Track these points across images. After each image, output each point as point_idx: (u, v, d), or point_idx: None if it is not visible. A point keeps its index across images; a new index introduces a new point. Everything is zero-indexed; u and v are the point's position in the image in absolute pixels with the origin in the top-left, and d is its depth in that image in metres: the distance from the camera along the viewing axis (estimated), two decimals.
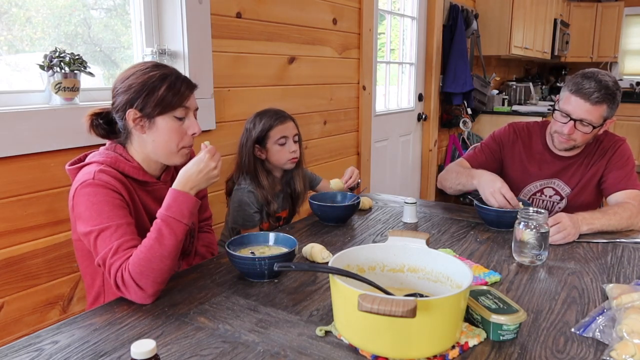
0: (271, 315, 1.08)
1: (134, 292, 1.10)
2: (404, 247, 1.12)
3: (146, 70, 1.26)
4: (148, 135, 1.27)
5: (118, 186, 1.20)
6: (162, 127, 1.26)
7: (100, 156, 1.26)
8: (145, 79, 1.24)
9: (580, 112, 1.69)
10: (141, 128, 1.26)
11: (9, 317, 1.57)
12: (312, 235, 1.63)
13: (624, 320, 0.96)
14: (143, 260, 1.10)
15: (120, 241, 1.13)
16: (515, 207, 1.63)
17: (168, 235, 1.13)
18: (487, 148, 1.99)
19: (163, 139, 1.27)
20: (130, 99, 1.24)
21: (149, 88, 1.24)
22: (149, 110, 1.24)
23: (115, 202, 1.18)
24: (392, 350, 0.90)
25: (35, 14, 1.72)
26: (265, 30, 2.38)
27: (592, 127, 1.71)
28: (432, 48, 4.08)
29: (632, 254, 1.46)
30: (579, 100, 1.69)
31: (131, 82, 1.25)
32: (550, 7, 5.77)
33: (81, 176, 1.21)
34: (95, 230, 1.14)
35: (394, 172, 3.91)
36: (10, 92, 1.61)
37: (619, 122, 6.62)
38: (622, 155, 1.81)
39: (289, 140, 1.81)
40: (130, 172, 1.26)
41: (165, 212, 1.16)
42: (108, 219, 1.15)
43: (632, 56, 7.10)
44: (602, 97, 1.67)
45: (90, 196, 1.17)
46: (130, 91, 1.24)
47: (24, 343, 0.98)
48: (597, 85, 1.67)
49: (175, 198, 1.17)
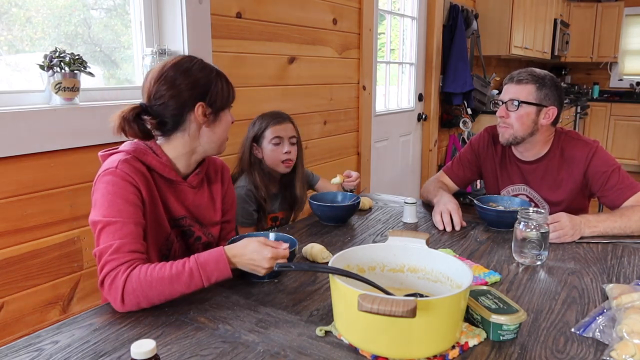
0: (271, 315, 1.08)
1: (114, 298, 1.08)
2: (404, 247, 1.12)
3: (199, 67, 1.27)
4: (210, 129, 1.30)
5: (138, 179, 1.19)
6: (225, 120, 1.32)
7: (131, 146, 1.25)
8: (205, 75, 1.27)
9: (508, 93, 1.77)
10: (207, 121, 1.28)
11: (9, 317, 1.57)
12: (312, 235, 1.63)
13: (624, 320, 0.96)
14: (145, 283, 1.07)
15: (123, 241, 1.11)
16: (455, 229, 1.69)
17: (184, 283, 1.10)
18: (465, 159, 2.00)
19: (222, 129, 1.33)
20: (199, 93, 1.25)
21: (212, 84, 1.27)
22: (216, 105, 1.28)
23: (129, 198, 1.16)
24: (392, 351, 0.90)
25: (35, 14, 1.72)
26: (265, 30, 2.38)
27: (519, 104, 1.73)
28: (432, 48, 4.08)
29: (632, 254, 1.46)
30: (507, 85, 1.80)
31: (192, 78, 1.25)
32: (550, 7, 5.77)
33: (107, 163, 1.21)
34: (103, 222, 1.13)
35: (394, 172, 3.91)
36: (10, 92, 1.61)
37: (619, 122, 6.64)
38: (604, 161, 1.72)
39: (284, 141, 1.82)
40: (156, 166, 1.25)
41: (199, 264, 1.11)
42: (118, 213, 1.13)
43: (632, 56, 7.10)
44: (527, 76, 1.76)
45: (108, 185, 1.16)
46: (194, 86, 1.25)
47: (24, 343, 0.98)
48: (524, 70, 1.79)
49: (217, 261, 1.12)
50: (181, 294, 1.11)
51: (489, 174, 1.95)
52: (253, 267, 1.15)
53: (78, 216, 1.71)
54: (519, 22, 4.79)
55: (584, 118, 6.56)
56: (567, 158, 1.78)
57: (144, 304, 1.08)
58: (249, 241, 1.16)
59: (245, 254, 1.14)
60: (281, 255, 1.15)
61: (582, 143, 1.77)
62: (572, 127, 6.02)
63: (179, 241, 1.35)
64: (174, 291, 1.10)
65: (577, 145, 1.77)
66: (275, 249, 1.15)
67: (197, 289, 1.12)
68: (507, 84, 1.80)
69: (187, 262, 1.11)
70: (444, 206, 1.73)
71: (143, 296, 1.07)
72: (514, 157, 1.87)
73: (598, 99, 6.96)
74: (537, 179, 1.83)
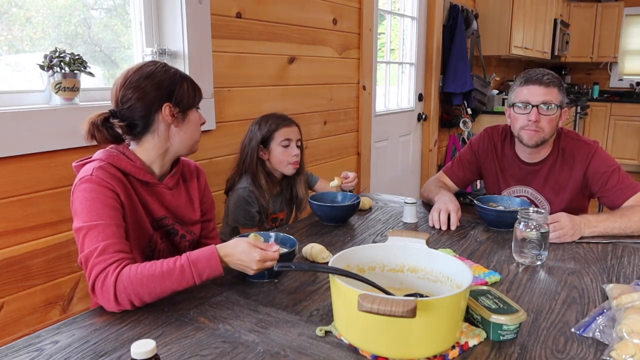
0: (271, 315, 1.08)
1: (107, 299, 1.07)
2: (404, 247, 1.12)
3: (162, 69, 1.30)
4: (180, 128, 1.32)
5: (115, 184, 1.20)
6: (193, 119, 1.35)
7: (103, 154, 1.26)
8: (169, 76, 1.30)
9: (538, 96, 1.70)
10: (176, 122, 1.30)
11: (9, 317, 1.57)
12: (312, 235, 1.63)
13: (624, 320, 0.96)
14: (136, 280, 1.07)
15: (107, 242, 1.12)
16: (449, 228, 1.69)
17: (174, 280, 1.10)
18: (465, 159, 1.99)
19: (192, 129, 1.35)
20: (164, 95, 1.28)
21: (177, 84, 1.30)
22: (183, 105, 1.31)
23: (107, 202, 1.17)
24: (392, 350, 0.90)
25: (35, 14, 1.72)
26: (265, 30, 2.38)
27: (556, 108, 1.70)
28: (432, 48, 4.07)
29: (632, 254, 1.46)
30: (532, 87, 1.72)
31: (156, 80, 1.27)
32: (550, 7, 5.77)
33: (82, 172, 1.22)
34: (85, 227, 1.13)
35: (394, 172, 3.91)
36: (10, 92, 1.61)
37: (619, 122, 6.64)
38: (603, 161, 1.73)
39: (292, 143, 1.84)
40: (131, 170, 1.26)
41: (190, 261, 1.12)
42: (98, 217, 1.14)
43: (632, 56, 7.10)
44: (552, 79, 1.72)
45: (85, 192, 1.17)
46: (159, 88, 1.27)
47: (24, 343, 0.98)
48: (543, 71, 1.74)
49: (209, 259, 1.13)
50: (172, 291, 1.11)
51: (490, 174, 1.95)
52: (242, 267, 1.16)
53: None
54: (519, 22, 4.79)
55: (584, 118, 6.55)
56: (568, 159, 1.78)
57: (137, 302, 1.09)
58: (239, 242, 1.17)
59: (234, 254, 1.15)
60: (270, 258, 1.15)
61: (582, 143, 1.77)
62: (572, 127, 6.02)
63: (164, 241, 1.37)
64: (165, 288, 1.10)
65: (577, 145, 1.77)
66: (264, 251, 1.15)
67: (188, 286, 1.12)
68: (528, 85, 1.72)
69: (179, 259, 1.12)
70: (444, 205, 1.72)
71: (134, 294, 1.08)
72: (516, 158, 1.87)
73: (598, 99, 6.96)
74: (540, 180, 1.83)
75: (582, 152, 1.75)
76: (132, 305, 1.09)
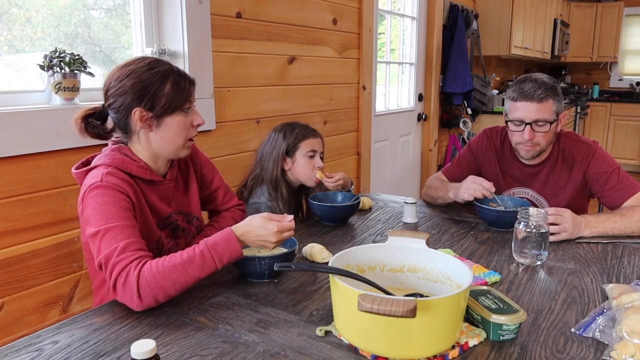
0: (271, 315, 1.08)
1: (130, 296, 1.06)
2: (404, 247, 1.12)
3: (146, 67, 1.24)
4: (155, 133, 1.26)
5: (126, 188, 1.19)
6: (171, 124, 1.26)
7: (107, 158, 1.24)
8: (148, 77, 1.22)
9: (531, 113, 1.69)
10: (148, 127, 1.25)
11: (9, 317, 1.57)
12: (312, 235, 1.63)
13: (624, 320, 0.96)
14: (158, 274, 1.06)
15: (127, 241, 1.11)
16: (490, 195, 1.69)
17: (196, 267, 1.09)
18: (464, 160, 1.99)
19: (172, 134, 1.27)
20: (136, 98, 1.22)
21: (154, 87, 1.22)
22: (158, 109, 1.23)
23: (122, 204, 1.16)
24: (392, 350, 0.90)
25: (35, 14, 1.72)
26: (265, 30, 2.38)
27: (549, 124, 1.69)
28: (432, 48, 4.07)
29: (632, 254, 1.46)
30: (525, 104, 1.69)
31: (134, 81, 1.22)
32: (550, 7, 5.77)
33: (89, 179, 1.20)
34: (102, 230, 1.12)
35: (394, 172, 3.91)
36: (10, 92, 1.61)
37: (619, 122, 6.64)
38: (603, 162, 1.73)
39: (317, 155, 1.81)
40: (137, 172, 1.25)
41: (209, 246, 1.12)
42: (114, 220, 1.13)
43: (632, 56, 7.10)
44: (545, 92, 1.68)
45: (97, 197, 1.16)
46: (134, 90, 1.22)
47: (24, 343, 0.98)
48: (534, 84, 1.69)
49: (227, 241, 1.13)
50: (195, 279, 1.10)
51: (490, 176, 1.94)
52: (261, 242, 1.16)
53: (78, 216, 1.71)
54: (519, 22, 4.79)
55: (584, 118, 6.56)
56: (568, 159, 1.78)
57: (161, 296, 1.07)
58: (252, 218, 1.17)
59: (251, 231, 1.15)
60: (287, 228, 1.16)
61: (582, 144, 1.78)
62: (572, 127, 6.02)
63: (169, 240, 1.37)
64: (188, 277, 1.09)
65: (577, 146, 1.77)
66: (280, 222, 1.16)
67: (210, 272, 1.11)
68: (522, 101, 1.70)
69: (197, 246, 1.12)
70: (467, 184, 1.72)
71: (159, 288, 1.06)
72: (516, 159, 1.87)
73: (598, 99, 6.96)
74: (540, 181, 1.83)
75: (582, 153, 1.76)
76: (157, 302, 1.08)
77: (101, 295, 1.32)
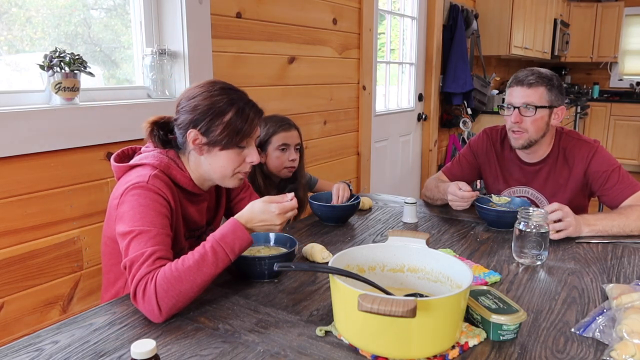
0: (271, 315, 1.08)
1: (149, 308, 1.04)
2: (404, 247, 1.12)
3: (214, 92, 1.24)
4: (205, 158, 1.26)
5: (168, 194, 1.19)
6: (222, 155, 1.26)
7: (154, 159, 1.23)
8: (212, 102, 1.23)
9: (520, 97, 1.73)
10: (199, 150, 1.25)
11: (9, 317, 1.57)
12: (312, 235, 1.63)
13: (624, 320, 0.96)
14: (173, 279, 1.04)
15: (154, 248, 1.08)
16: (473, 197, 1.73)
17: (211, 264, 1.07)
18: (464, 159, 2.00)
19: (220, 164, 1.26)
20: (194, 119, 1.22)
21: (214, 113, 1.22)
22: (212, 137, 1.23)
23: (161, 211, 1.15)
24: (392, 350, 0.90)
25: (35, 14, 1.72)
26: (265, 30, 2.38)
27: (534, 108, 1.71)
28: (432, 48, 4.08)
29: (632, 254, 1.46)
30: (516, 89, 1.75)
31: (197, 103, 1.23)
32: (550, 7, 5.77)
33: (134, 177, 1.19)
34: (135, 231, 1.10)
35: (394, 172, 3.91)
36: (10, 92, 1.61)
37: (619, 122, 6.64)
38: (604, 161, 1.73)
39: (290, 148, 1.83)
40: (181, 181, 1.25)
41: (218, 240, 1.10)
42: (150, 224, 1.12)
43: (632, 56, 7.10)
44: (537, 79, 1.72)
45: (139, 197, 1.15)
46: (195, 111, 1.22)
47: (24, 343, 0.98)
48: (529, 72, 1.76)
49: (234, 230, 1.12)
50: (212, 276, 1.08)
51: (490, 175, 1.95)
52: (267, 227, 1.16)
53: (78, 216, 1.71)
54: (519, 22, 4.79)
55: (584, 118, 6.56)
56: (569, 158, 1.78)
57: (181, 302, 1.05)
58: (253, 204, 1.16)
59: (254, 217, 1.15)
60: (289, 208, 1.15)
61: (583, 143, 1.78)
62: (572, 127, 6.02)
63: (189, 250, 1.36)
64: (204, 276, 1.07)
65: (578, 145, 1.78)
66: (280, 203, 1.15)
67: (225, 266, 1.10)
68: (513, 86, 1.76)
69: (205, 243, 1.10)
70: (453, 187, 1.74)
71: (177, 293, 1.04)
72: (516, 158, 1.87)
73: (598, 99, 6.96)
74: (540, 180, 1.83)
75: (582, 152, 1.76)
76: (177, 308, 1.05)
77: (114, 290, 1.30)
